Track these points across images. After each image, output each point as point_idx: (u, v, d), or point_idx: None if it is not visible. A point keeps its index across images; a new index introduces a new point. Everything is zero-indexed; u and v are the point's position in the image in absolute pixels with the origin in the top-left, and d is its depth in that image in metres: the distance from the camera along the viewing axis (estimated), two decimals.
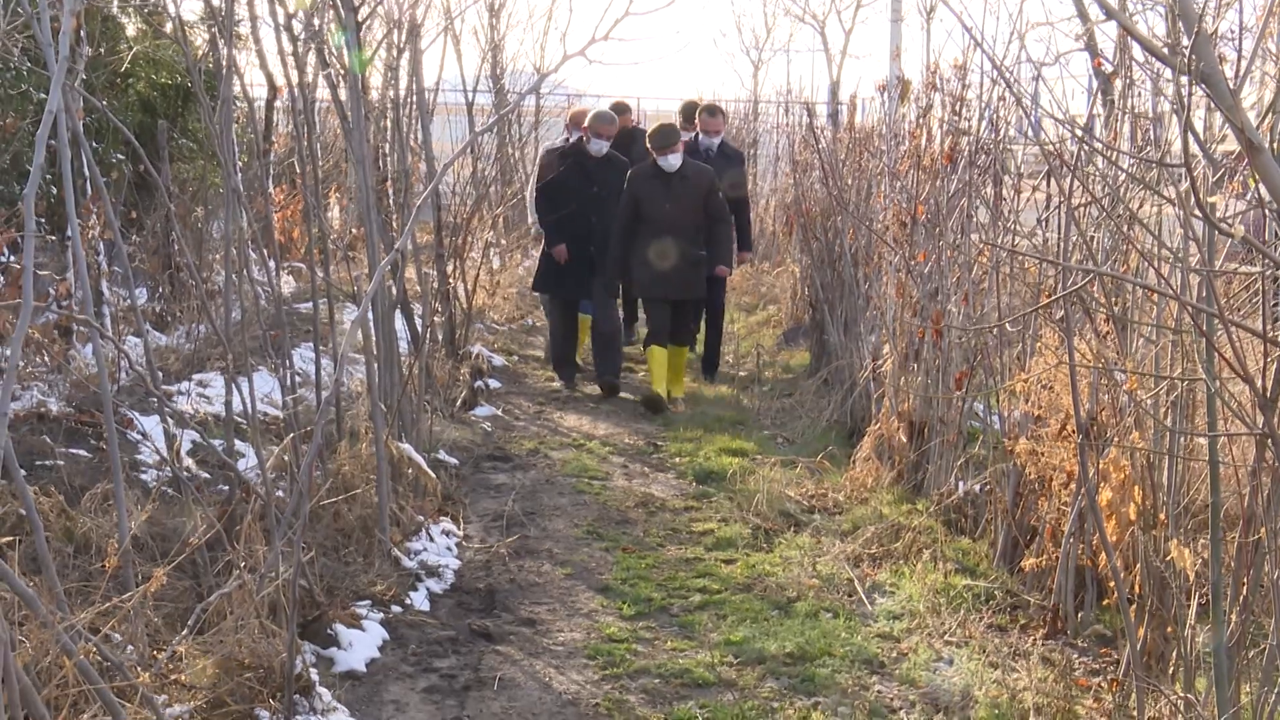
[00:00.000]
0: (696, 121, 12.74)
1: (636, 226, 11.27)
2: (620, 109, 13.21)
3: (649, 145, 11.31)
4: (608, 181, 11.59)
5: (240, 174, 7.33)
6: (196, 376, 9.08)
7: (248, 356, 7.25)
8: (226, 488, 6.79)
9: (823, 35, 24.02)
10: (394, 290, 8.11)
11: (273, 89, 12.91)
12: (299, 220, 13.84)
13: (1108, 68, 6.60)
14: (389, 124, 11.29)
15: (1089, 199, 5.64)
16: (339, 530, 6.79)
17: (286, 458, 6.44)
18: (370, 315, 7.35)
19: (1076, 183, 5.23)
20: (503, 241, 16.54)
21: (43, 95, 4.79)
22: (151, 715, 4.49)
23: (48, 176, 8.92)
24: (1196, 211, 3.39)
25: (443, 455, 8.93)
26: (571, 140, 12.10)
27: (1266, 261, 3.90)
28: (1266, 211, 3.89)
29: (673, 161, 11.15)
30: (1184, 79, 3.19)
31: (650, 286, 11.47)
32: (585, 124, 11.88)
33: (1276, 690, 4.12)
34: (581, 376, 12.24)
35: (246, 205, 7.42)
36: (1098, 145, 5.66)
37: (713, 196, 11.36)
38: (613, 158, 11.78)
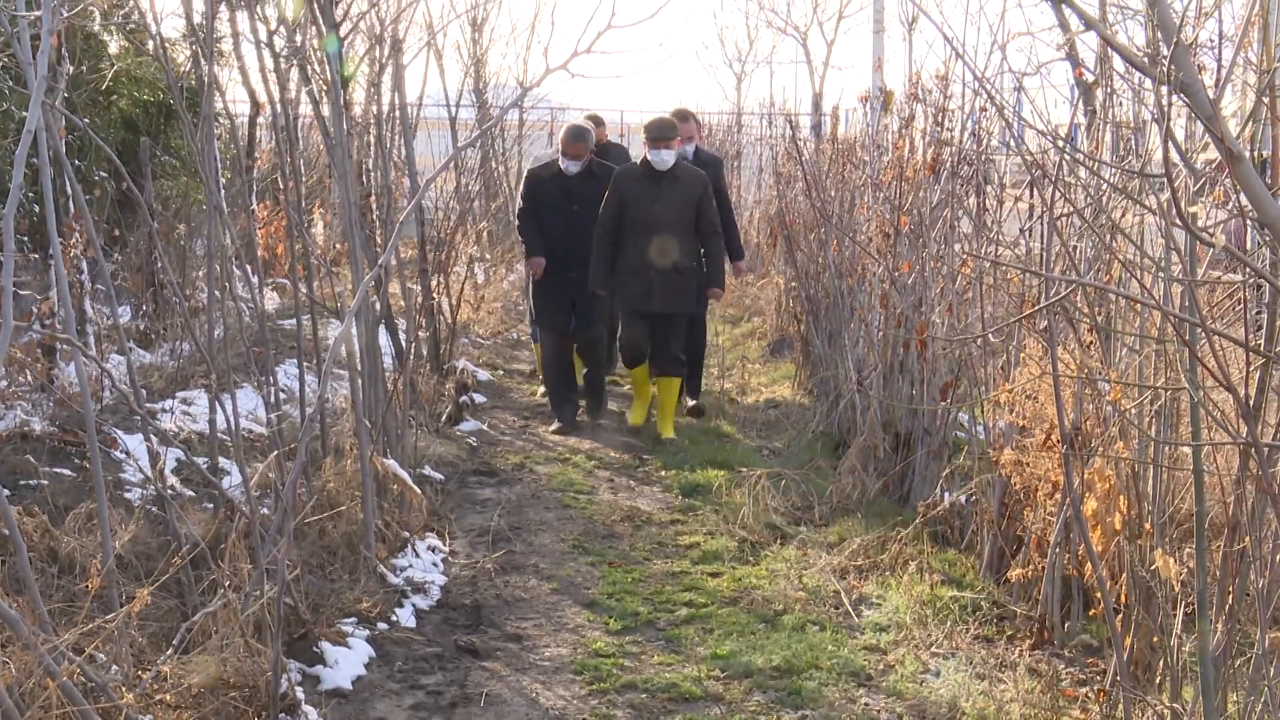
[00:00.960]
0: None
1: (620, 231, 10.41)
2: (595, 122, 12.60)
3: (644, 137, 10.49)
4: (588, 196, 10.68)
5: (223, 191, 7.32)
6: (180, 394, 9.06)
7: (231, 373, 7.24)
8: (211, 506, 6.78)
9: (805, 47, 24.12)
10: (378, 306, 8.10)
11: (255, 105, 12.88)
12: (282, 236, 13.81)
13: (1089, 77, 6.62)
14: (372, 139, 11.29)
15: (1071, 209, 5.65)
16: (324, 547, 6.77)
17: (271, 475, 6.42)
18: (354, 331, 7.34)
19: (1058, 193, 5.23)
20: (487, 256, 16.53)
21: (24, 113, 4.78)
22: None
23: (29, 195, 8.90)
24: (1178, 221, 3.39)
25: (428, 471, 8.91)
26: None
27: (1248, 270, 3.91)
28: (1247, 220, 3.90)
29: (665, 158, 10.31)
30: (1163, 89, 3.19)
31: (633, 298, 10.45)
32: (560, 143, 11.13)
33: (1263, 699, 4.12)
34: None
35: (230, 222, 7.41)
36: (1079, 156, 5.67)
37: (706, 204, 10.44)
38: (592, 170, 10.89)
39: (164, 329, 10.58)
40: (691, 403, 11.34)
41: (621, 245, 10.46)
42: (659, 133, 10.36)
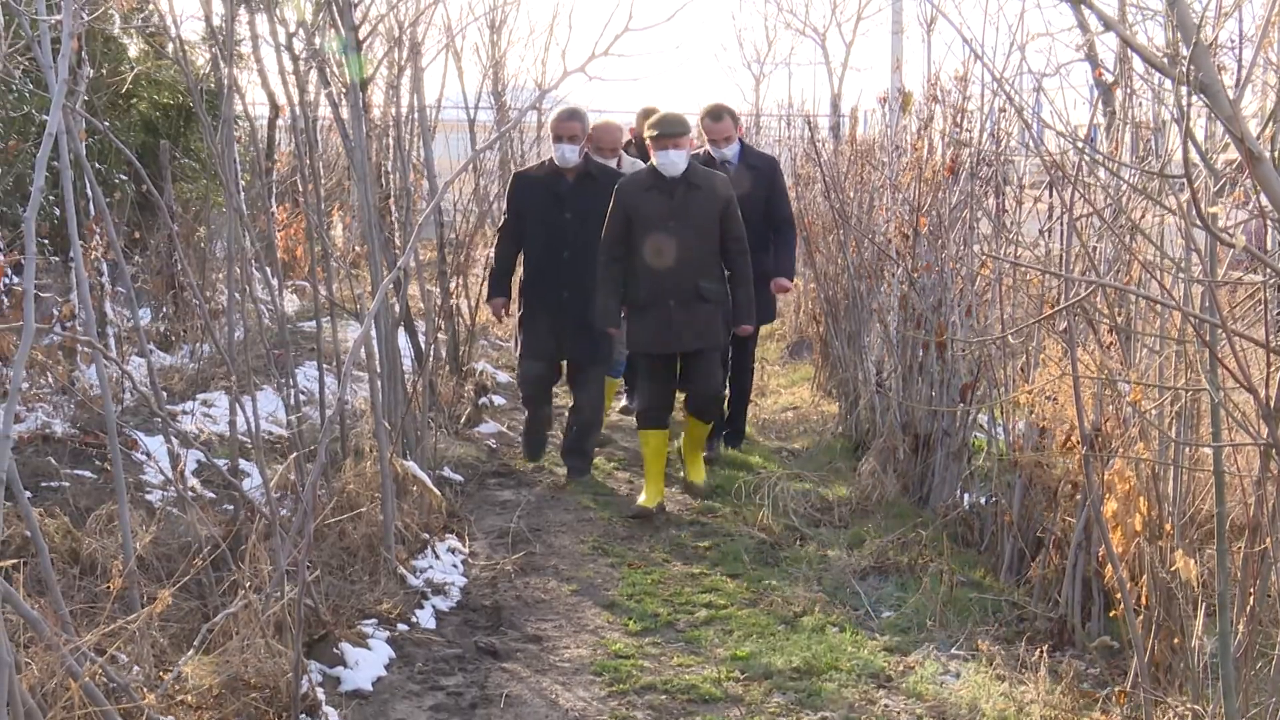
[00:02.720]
0: (701, 129, 9.86)
1: (628, 255, 8.51)
2: (646, 116, 10.28)
3: (646, 136, 8.58)
4: (583, 203, 8.95)
5: (243, 193, 7.35)
6: (201, 396, 9.10)
7: (251, 375, 7.25)
8: (231, 507, 6.80)
9: (824, 48, 24.08)
10: (397, 307, 8.12)
11: (274, 108, 12.93)
12: (302, 238, 13.85)
13: (1108, 78, 6.60)
14: (391, 142, 11.30)
15: (1090, 210, 5.64)
16: (344, 549, 6.78)
17: (291, 476, 6.44)
18: (374, 333, 7.35)
19: (1078, 194, 5.23)
20: None
21: (45, 117, 4.81)
22: None
23: (50, 198, 8.93)
24: (1198, 221, 3.39)
25: (447, 472, 8.92)
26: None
27: (1269, 271, 3.90)
28: (1268, 221, 3.90)
29: (675, 160, 8.35)
30: (1183, 89, 3.19)
31: (650, 338, 8.58)
32: (550, 126, 9.36)
33: None
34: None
35: (249, 224, 7.44)
36: (1099, 156, 5.66)
37: (731, 217, 8.47)
38: (590, 171, 9.14)
39: (184, 331, 10.62)
40: (728, 449, 9.96)
41: (631, 273, 8.56)
42: (665, 129, 8.40)
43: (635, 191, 8.49)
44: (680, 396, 9.22)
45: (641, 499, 8.61)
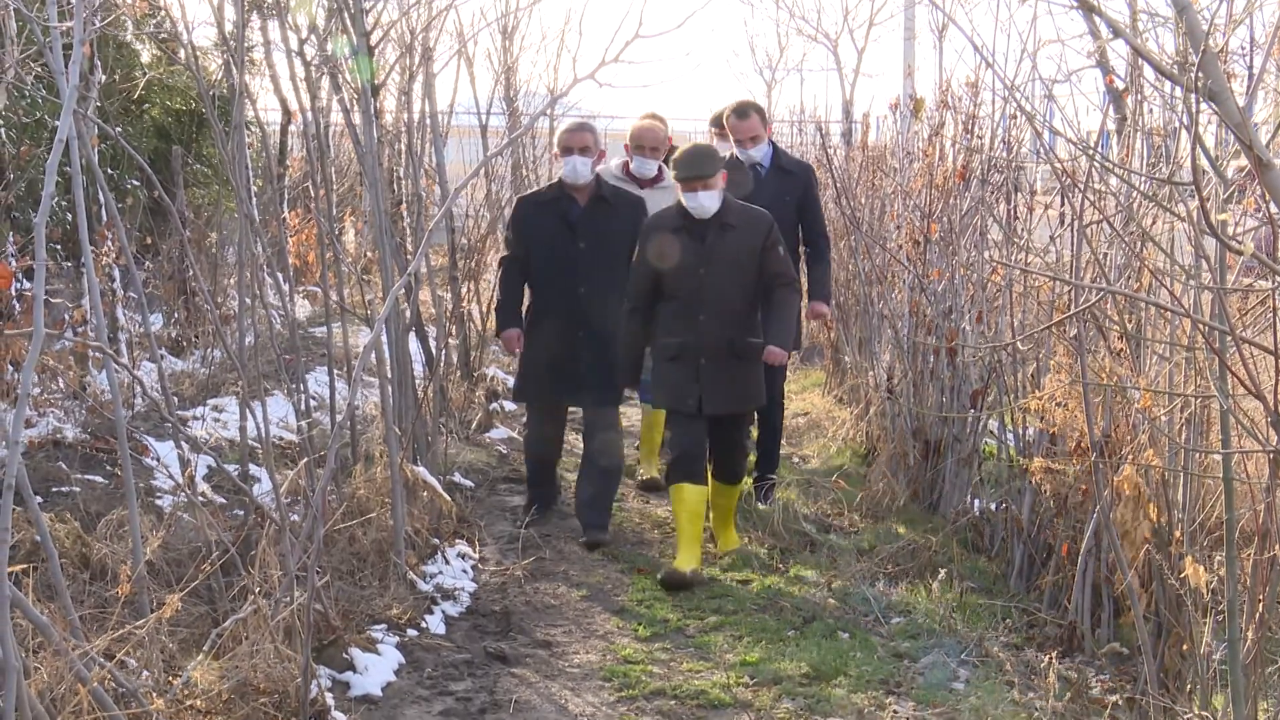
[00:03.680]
0: (725, 128, 8.88)
1: (655, 304, 7.60)
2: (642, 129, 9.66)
3: (674, 176, 7.47)
4: (597, 228, 8.04)
5: (255, 199, 7.36)
6: (211, 401, 9.11)
7: (262, 381, 7.27)
8: (241, 512, 6.81)
9: (836, 54, 24.00)
10: (408, 313, 8.12)
11: (286, 114, 12.96)
12: (314, 244, 13.85)
13: (1120, 85, 6.61)
14: (403, 147, 11.31)
15: (1101, 217, 5.64)
16: (354, 554, 6.79)
17: (301, 481, 6.45)
18: (385, 338, 7.36)
19: (1088, 201, 5.23)
20: None
21: (57, 123, 4.83)
22: None
23: (62, 203, 8.96)
24: (1207, 229, 3.39)
25: (458, 478, 8.92)
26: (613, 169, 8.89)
27: (1278, 278, 3.90)
28: (1277, 228, 3.89)
29: (705, 204, 7.30)
30: (1192, 96, 3.19)
31: (673, 394, 7.57)
32: (557, 139, 8.32)
33: None
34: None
35: (261, 230, 7.45)
36: (1109, 163, 5.66)
37: (771, 250, 7.39)
38: (603, 194, 8.15)
39: (195, 336, 10.65)
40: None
41: (660, 324, 7.63)
42: (690, 170, 7.33)
43: (662, 234, 7.49)
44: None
45: (676, 562, 7.41)
